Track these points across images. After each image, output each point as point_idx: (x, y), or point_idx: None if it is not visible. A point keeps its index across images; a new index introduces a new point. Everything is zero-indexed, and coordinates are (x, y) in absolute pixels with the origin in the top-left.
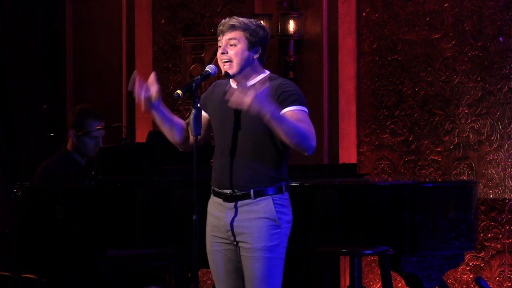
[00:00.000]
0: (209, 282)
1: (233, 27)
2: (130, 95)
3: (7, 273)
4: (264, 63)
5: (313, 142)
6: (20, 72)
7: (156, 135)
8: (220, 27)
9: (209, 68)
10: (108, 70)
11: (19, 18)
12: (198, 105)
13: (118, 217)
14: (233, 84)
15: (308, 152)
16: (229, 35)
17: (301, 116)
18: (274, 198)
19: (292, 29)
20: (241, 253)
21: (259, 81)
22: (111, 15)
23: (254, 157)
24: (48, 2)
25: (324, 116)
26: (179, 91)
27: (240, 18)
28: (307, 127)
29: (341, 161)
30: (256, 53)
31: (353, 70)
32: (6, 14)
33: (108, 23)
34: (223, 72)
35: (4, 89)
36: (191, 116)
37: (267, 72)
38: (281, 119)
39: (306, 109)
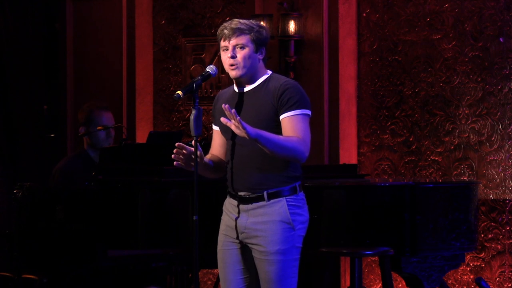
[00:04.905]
0: (209, 283)
1: (240, 31)
2: (130, 96)
3: (7, 274)
4: (266, 63)
5: (303, 154)
6: (20, 72)
7: (156, 135)
8: (225, 31)
9: (210, 68)
10: (109, 71)
11: (19, 18)
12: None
13: (118, 218)
14: (235, 87)
15: (300, 162)
16: (236, 39)
17: (296, 123)
18: (288, 199)
19: (292, 30)
20: (255, 256)
21: (260, 83)
22: (112, 16)
23: (265, 159)
24: (49, 3)
25: (325, 116)
26: (179, 92)
27: (243, 21)
28: (297, 139)
29: (341, 161)
30: (261, 55)
31: (353, 71)
32: (6, 14)
33: (109, 24)
34: (230, 75)
35: (4, 89)
36: (191, 117)
37: (270, 72)
38: (266, 140)
39: (306, 111)
